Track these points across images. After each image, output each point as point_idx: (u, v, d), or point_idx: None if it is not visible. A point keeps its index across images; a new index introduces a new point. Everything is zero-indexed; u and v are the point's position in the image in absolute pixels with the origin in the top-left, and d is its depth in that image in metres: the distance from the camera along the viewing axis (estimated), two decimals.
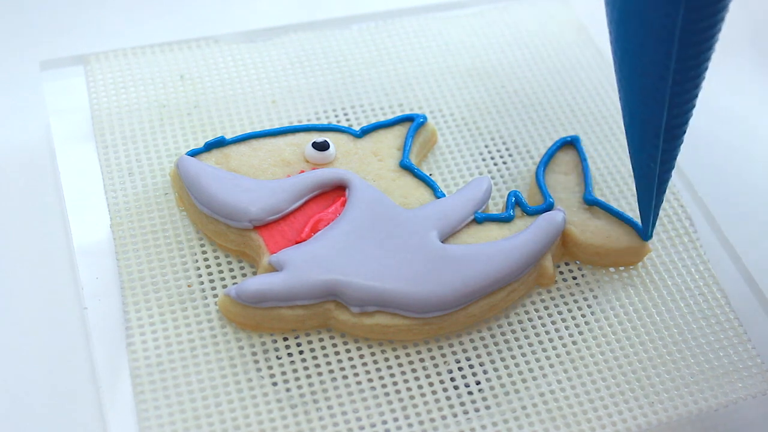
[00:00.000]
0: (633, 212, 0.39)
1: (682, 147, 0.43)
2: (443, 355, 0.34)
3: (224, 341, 0.34)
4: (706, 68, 0.30)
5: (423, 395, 0.33)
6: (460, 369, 0.34)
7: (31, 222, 0.40)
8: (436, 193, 0.37)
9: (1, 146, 0.43)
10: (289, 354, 0.34)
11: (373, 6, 0.46)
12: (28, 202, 0.40)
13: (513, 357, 0.35)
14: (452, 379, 0.34)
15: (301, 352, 0.34)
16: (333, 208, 0.36)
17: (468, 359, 0.34)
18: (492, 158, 0.40)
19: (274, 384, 0.33)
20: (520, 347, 0.35)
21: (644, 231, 0.36)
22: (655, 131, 0.32)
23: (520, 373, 0.34)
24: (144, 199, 0.38)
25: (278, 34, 0.44)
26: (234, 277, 0.36)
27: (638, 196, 0.35)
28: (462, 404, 0.33)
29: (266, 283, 0.34)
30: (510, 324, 0.35)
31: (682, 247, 0.38)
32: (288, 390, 0.33)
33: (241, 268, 0.36)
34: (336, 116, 0.41)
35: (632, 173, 0.38)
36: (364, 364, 0.34)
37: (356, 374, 0.34)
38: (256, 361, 0.34)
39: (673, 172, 0.41)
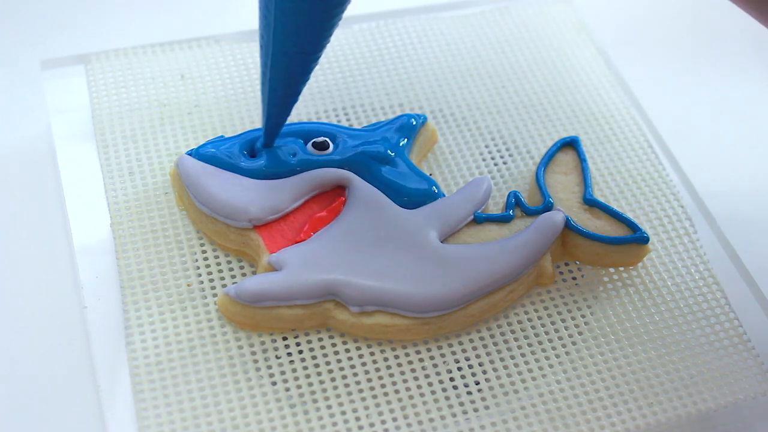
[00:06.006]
0: (633, 212, 0.39)
1: (683, 148, 0.43)
2: (443, 355, 0.34)
3: (224, 341, 0.34)
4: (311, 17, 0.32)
5: (423, 395, 0.33)
6: (459, 369, 0.34)
7: (31, 221, 0.40)
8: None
9: (1, 145, 0.43)
10: (288, 354, 0.34)
11: (373, 6, 0.46)
12: (28, 201, 0.40)
13: (513, 357, 0.35)
14: (452, 379, 0.34)
15: (300, 352, 0.34)
16: (333, 208, 0.36)
17: (468, 359, 0.34)
18: (492, 158, 0.40)
19: (274, 384, 0.33)
20: (519, 347, 0.35)
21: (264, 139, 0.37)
22: (265, 48, 0.34)
23: (520, 373, 0.34)
24: (144, 198, 0.38)
25: None
26: (234, 277, 0.36)
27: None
28: (462, 404, 0.33)
29: (265, 283, 0.34)
30: (510, 324, 0.35)
31: (682, 247, 0.38)
32: (287, 390, 0.33)
33: (241, 267, 0.36)
34: (336, 116, 0.41)
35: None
36: (364, 364, 0.34)
37: (356, 374, 0.34)
38: (256, 361, 0.34)
39: (674, 172, 0.41)
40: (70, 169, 0.39)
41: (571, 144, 0.40)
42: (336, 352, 0.34)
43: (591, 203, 0.38)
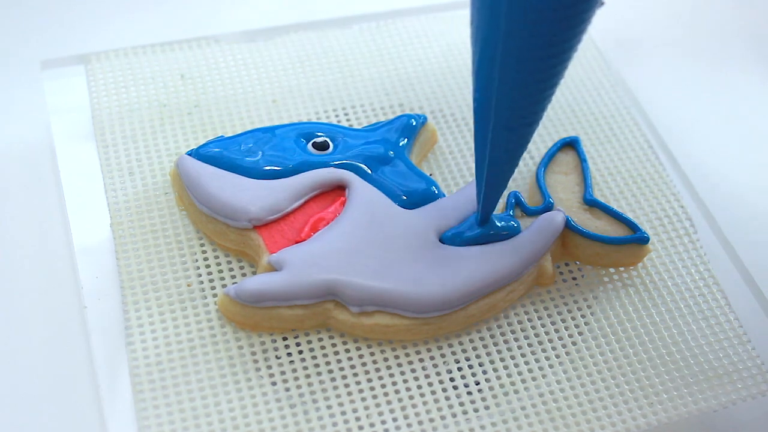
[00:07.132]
0: (633, 213, 0.39)
1: (683, 148, 0.43)
2: (443, 355, 0.34)
3: (224, 341, 0.34)
4: (538, 76, 0.30)
5: (423, 395, 0.33)
6: (459, 369, 0.34)
7: (31, 222, 0.40)
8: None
9: (1, 145, 0.43)
10: (288, 354, 0.34)
11: (373, 6, 0.46)
12: (28, 201, 0.40)
13: (513, 357, 0.35)
14: (452, 380, 0.34)
15: (300, 352, 0.34)
16: (333, 208, 0.36)
17: (468, 359, 0.34)
18: None
19: (274, 384, 0.33)
20: (520, 347, 0.35)
21: (479, 215, 0.35)
22: (485, 120, 0.32)
23: (520, 373, 0.34)
24: (144, 198, 0.38)
25: (279, 34, 0.44)
26: (234, 277, 0.36)
27: (476, 178, 0.35)
28: (462, 404, 0.33)
29: (265, 283, 0.34)
30: (510, 324, 0.35)
31: (682, 247, 0.38)
32: (287, 390, 0.33)
33: (241, 267, 0.36)
34: (336, 116, 0.41)
35: (631, 176, 0.40)
36: (364, 364, 0.34)
37: (356, 374, 0.34)
38: (256, 361, 0.34)
39: (674, 172, 0.41)
40: (70, 169, 0.39)
41: (571, 144, 0.40)
42: (336, 352, 0.34)
43: (591, 203, 0.38)
